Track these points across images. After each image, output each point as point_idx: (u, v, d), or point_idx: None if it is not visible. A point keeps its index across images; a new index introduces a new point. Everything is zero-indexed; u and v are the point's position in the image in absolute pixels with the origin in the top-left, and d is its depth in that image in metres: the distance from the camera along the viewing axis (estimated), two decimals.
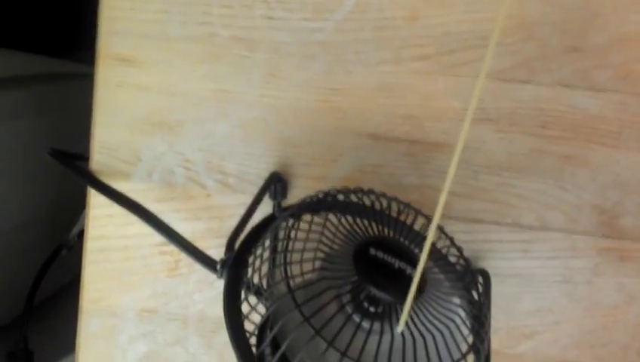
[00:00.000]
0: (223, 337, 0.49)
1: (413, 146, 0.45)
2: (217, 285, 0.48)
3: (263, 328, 0.36)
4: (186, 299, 0.49)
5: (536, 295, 0.46)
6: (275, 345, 0.34)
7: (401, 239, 0.37)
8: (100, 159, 0.47)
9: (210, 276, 0.47)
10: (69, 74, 0.83)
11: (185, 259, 0.48)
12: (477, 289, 0.37)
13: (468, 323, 0.35)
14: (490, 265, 0.45)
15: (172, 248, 0.48)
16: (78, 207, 0.64)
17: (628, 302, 0.46)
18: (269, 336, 0.34)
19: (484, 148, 0.45)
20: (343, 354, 0.31)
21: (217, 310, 0.49)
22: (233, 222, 0.39)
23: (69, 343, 0.64)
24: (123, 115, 0.46)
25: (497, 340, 0.46)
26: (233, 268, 0.37)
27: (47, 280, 0.71)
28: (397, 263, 0.35)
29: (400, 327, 0.32)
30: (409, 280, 0.34)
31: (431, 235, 0.31)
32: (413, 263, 0.35)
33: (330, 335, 0.32)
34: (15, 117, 0.71)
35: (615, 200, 0.45)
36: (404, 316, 0.32)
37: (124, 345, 0.49)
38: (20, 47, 0.74)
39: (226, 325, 0.35)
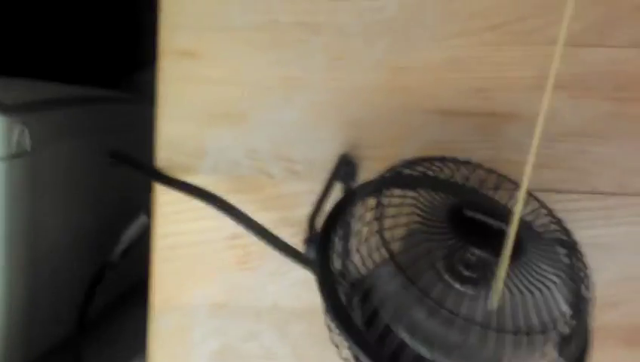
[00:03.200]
0: (298, 327, 0.48)
1: (485, 119, 0.45)
2: (290, 276, 0.48)
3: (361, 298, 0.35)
4: (258, 292, 0.48)
5: (620, 263, 0.45)
6: (373, 313, 0.33)
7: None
8: (164, 155, 0.47)
9: (282, 267, 0.46)
10: (121, 98, 0.84)
11: (255, 251, 0.47)
12: (578, 256, 0.36)
13: (568, 284, 0.34)
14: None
15: (242, 241, 0.47)
16: (120, 226, 0.63)
17: None
18: (368, 303, 0.33)
19: (558, 116, 0.44)
20: (453, 313, 0.31)
21: (291, 301, 0.48)
22: (303, 210, 0.39)
23: (122, 357, 0.63)
24: (187, 109, 0.46)
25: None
26: (322, 244, 0.36)
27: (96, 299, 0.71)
28: (494, 223, 0.34)
29: (499, 287, 0.31)
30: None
31: (525, 185, 0.30)
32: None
33: (432, 301, 0.31)
34: (63, 138, 0.71)
35: None
36: (501, 273, 0.31)
37: (197, 342, 0.48)
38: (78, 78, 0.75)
39: (322, 297, 0.34)
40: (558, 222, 0.38)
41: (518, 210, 0.31)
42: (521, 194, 0.31)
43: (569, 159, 0.44)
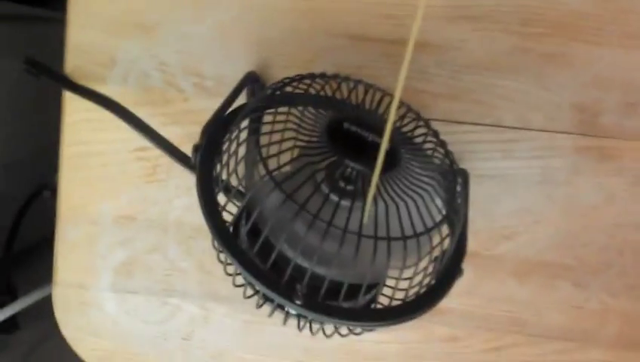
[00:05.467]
0: (202, 243, 0.49)
1: (393, 46, 0.45)
2: (195, 191, 0.48)
3: (241, 213, 0.36)
4: (164, 206, 0.48)
5: (516, 196, 0.46)
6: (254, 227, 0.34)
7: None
8: (74, 62, 0.46)
9: (189, 181, 0.47)
10: (43, 18, 0.82)
11: (163, 164, 0.48)
12: (454, 176, 0.37)
13: (442, 195, 0.35)
14: (470, 166, 0.45)
15: (150, 153, 0.48)
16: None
17: (607, 202, 0.46)
18: (248, 214, 0.33)
19: (465, 48, 0.44)
20: (329, 224, 0.31)
21: (196, 216, 0.48)
22: None
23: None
24: (97, 17, 0.46)
25: (476, 242, 0.46)
26: (207, 152, 0.37)
27: (31, 225, 0.71)
28: (371, 136, 0.35)
29: (370, 194, 0.32)
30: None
31: (397, 99, 0.30)
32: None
33: (308, 213, 0.32)
34: None
35: (595, 98, 0.44)
36: (374, 180, 0.31)
37: (103, 253, 0.49)
38: None
39: (200, 201, 0.35)
40: (439, 141, 0.38)
41: (390, 120, 0.31)
42: (394, 105, 0.31)
43: (474, 91, 0.45)
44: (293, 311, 0.36)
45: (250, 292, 0.37)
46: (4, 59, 0.69)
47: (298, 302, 0.32)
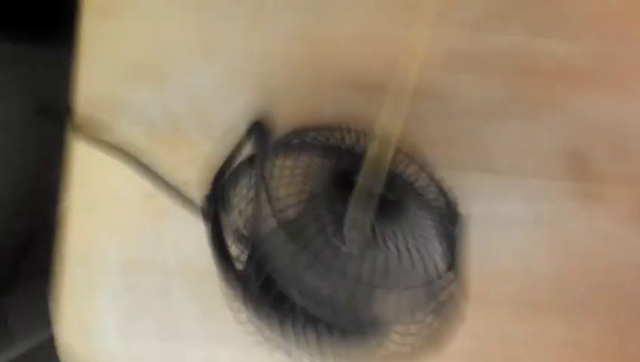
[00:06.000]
0: (208, 287, 0.49)
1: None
2: (202, 235, 0.49)
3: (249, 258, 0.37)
4: (170, 250, 0.49)
5: (511, 239, 0.47)
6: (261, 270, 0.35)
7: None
8: (84, 112, 0.48)
9: (195, 226, 0.48)
10: (46, 58, 0.83)
11: (170, 210, 0.49)
12: (454, 218, 0.38)
13: (443, 244, 0.37)
14: (465, 211, 0.47)
15: (157, 200, 0.49)
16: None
17: (601, 242, 0.47)
18: (255, 259, 0.35)
19: (460, 97, 0.46)
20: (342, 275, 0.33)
21: (202, 260, 0.49)
22: None
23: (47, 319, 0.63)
24: (107, 67, 0.47)
25: (472, 284, 0.48)
26: (217, 202, 0.38)
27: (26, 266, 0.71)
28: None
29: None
30: (389, 203, 0.35)
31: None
32: (393, 189, 0.36)
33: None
34: None
35: (586, 145, 0.47)
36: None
37: (108, 297, 0.50)
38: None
39: (212, 250, 0.36)
40: (441, 189, 0.40)
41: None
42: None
43: (469, 138, 0.47)
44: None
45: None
46: (6, 103, 0.70)
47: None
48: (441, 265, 0.35)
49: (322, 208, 0.36)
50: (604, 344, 0.48)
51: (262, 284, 0.37)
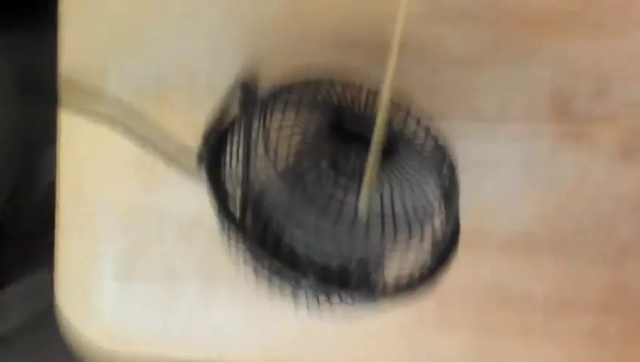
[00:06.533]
0: (203, 229, 0.50)
1: (376, 51, 0.47)
2: (194, 200, 0.49)
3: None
4: (164, 193, 0.49)
5: (498, 179, 0.48)
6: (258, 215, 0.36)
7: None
8: (70, 83, 0.48)
9: (190, 193, 0.48)
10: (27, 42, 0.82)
11: (160, 176, 0.49)
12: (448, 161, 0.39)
13: (435, 181, 0.38)
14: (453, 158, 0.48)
15: (147, 166, 0.49)
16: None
17: (582, 179, 0.49)
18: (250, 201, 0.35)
19: (443, 45, 0.47)
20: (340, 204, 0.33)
21: (196, 203, 0.49)
22: None
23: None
24: (88, 34, 0.47)
25: (462, 225, 0.49)
26: (211, 159, 0.39)
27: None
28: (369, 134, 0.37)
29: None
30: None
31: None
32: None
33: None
34: None
35: (570, 87, 0.47)
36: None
37: (104, 241, 0.50)
38: None
39: (211, 201, 0.36)
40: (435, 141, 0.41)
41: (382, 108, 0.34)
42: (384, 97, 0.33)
43: (453, 86, 0.47)
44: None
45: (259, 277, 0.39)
46: None
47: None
48: (435, 205, 0.36)
49: (316, 158, 0.36)
50: (592, 275, 0.50)
51: (260, 235, 0.38)
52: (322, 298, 0.36)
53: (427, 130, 0.42)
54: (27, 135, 0.78)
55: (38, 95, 0.48)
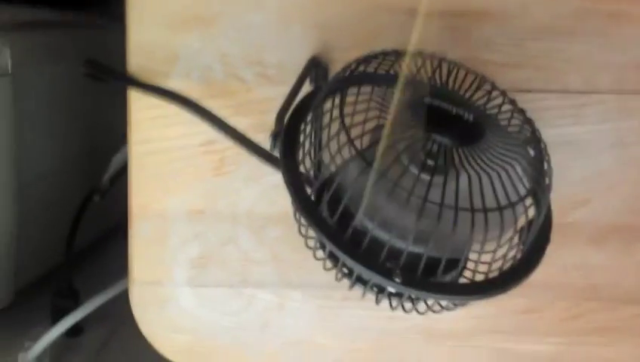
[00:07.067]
0: (274, 232, 0.49)
1: (455, 19, 0.44)
2: (264, 180, 0.48)
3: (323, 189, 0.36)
4: (234, 197, 0.48)
5: (588, 161, 0.46)
6: (336, 202, 0.34)
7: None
8: (137, 61, 0.47)
9: (258, 171, 0.47)
10: (100, 25, 0.83)
11: (230, 156, 0.48)
12: (540, 147, 0.37)
13: (528, 171, 0.35)
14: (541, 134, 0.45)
15: (216, 147, 0.48)
16: (110, 155, 0.64)
17: None
18: (330, 188, 0.33)
19: (527, 14, 0.44)
20: (409, 194, 0.31)
21: (266, 205, 0.49)
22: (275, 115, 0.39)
23: (111, 280, 0.64)
24: (157, 14, 0.46)
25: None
26: (287, 138, 0.37)
27: (86, 226, 0.72)
28: (453, 109, 0.34)
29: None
30: (467, 124, 0.34)
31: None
32: (470, 109, 0.35)
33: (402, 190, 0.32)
34: (48, 60, 0.71)
35: None
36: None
37: (176, 248, 0.49)
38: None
39: (287, 187, 0.35)
40: (524, 116, 0.38)
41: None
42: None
43: (539, 57, 0.44)
44: (392, 290, 0.36)
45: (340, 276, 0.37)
46: (57, 66, 0.70)
47: (398, 280, 0.32)
48: (523, 190, 0.34)
49: (395, 136, 0.34)
50: None
51: (338, 219, 0.36)
52: (407, 301, 0.34)
53: (513, 103, 0.39)
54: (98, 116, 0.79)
55: (106, 70, 0.47)
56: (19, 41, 0.64)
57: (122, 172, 0.62)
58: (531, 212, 0.35)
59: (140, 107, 0.47)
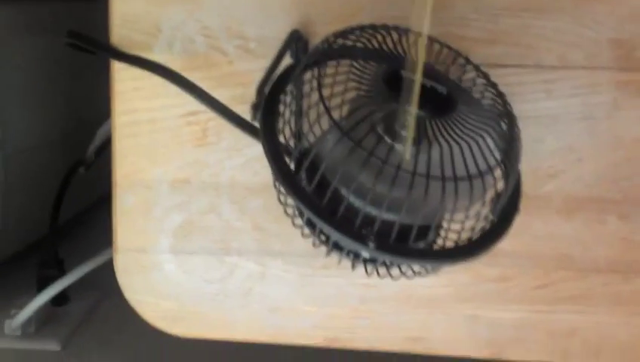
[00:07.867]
0: (255, 202, 0.50)
1: None
2: (246, 151, 0.49)
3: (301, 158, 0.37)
4: (216, 167, 0.50)
5: (559, 134, 0.47)
6: (314, 171, 0.35)
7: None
8: (119, 32, 0.47)
9: (239, 143, 0.48)
10: None
11: (212, 127, 0.49)
12: (511, 120, 0.38)
13: (498, 144, 0.36)
14: (512, 108, 0.46)
15: (199, 117, 0.49)
16: (96, 128, 0.64)
17: None
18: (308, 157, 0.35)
19: None
20: (384, 162, 0.33)
21: (248, 176, 0.50)
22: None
23: (96, 251, 0.65)
24: None
25: (522, 182, 0.48)
26: (267, 109, 0.38)
27: (72, 197, 0.73)
28: (427, 82, 0.36)
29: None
30: (441, 97, 0.35)
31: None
32: (444, 83, 0.36)
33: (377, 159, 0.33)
34: (30, 32, 0.71)
35: (632, 33, 0.45)
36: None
37: (160, 217, 0.51)
38: None
39: (266, 156, 0.36)
40: (496, 90, 0.39)
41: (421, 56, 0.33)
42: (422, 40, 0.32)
43: (513, 33, 0.46)
44: (367, 256, 0.37)
45: (317, 242, 0.39)
46: (40, 38, 0.70)
47: (371, 245, 0.34)
48: (493, 162, 0.35)
49: (371, 107, 0.36)
50: None
51: (316, 187, 0.37)
52: (381, 266, 0.35)
53: (486, 77, 0.40)
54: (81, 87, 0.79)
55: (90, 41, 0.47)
56: None
57: (107, 144, 0.62)
58: (501, 185, 0.36)
59: (123, 78, 0.48)
